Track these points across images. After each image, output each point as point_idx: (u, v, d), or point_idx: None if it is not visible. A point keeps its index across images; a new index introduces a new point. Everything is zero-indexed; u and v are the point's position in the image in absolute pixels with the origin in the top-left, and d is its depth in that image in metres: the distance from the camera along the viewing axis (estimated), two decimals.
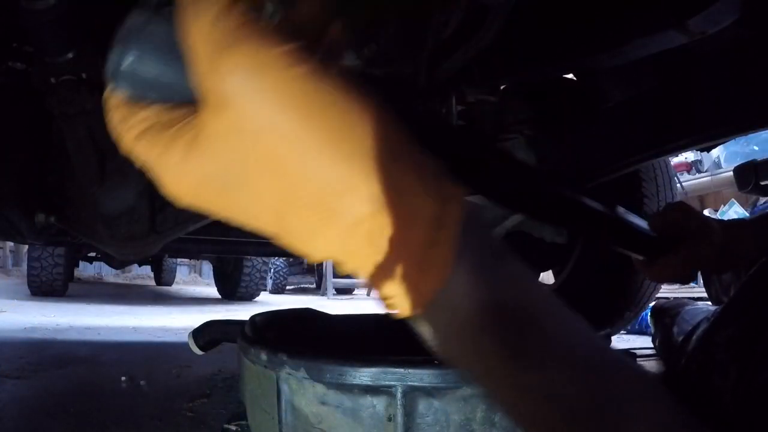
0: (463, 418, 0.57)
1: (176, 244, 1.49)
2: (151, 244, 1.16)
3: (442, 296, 0.27)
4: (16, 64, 1.11)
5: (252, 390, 0.69)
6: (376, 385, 0.56)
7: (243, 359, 0.71)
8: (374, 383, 0.56)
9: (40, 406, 1.15)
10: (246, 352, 0.68)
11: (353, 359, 0.57)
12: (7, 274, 9.17)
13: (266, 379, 0.64)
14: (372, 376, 0.56)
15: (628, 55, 1.04)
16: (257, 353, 0.64)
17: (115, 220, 1.08)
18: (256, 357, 0.64)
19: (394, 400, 0.56)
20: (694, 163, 4.39)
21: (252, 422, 0.73)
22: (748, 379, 0.86)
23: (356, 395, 0.57)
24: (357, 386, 0.57)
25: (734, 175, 1.59)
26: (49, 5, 0.77)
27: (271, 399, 0.63)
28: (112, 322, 3.01)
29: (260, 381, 0.65)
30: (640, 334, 2.74)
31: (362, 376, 0.56)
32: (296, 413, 0.61)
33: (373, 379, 0.56)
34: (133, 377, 1.42)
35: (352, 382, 0.57)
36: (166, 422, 1.04)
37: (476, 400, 0.57)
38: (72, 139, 1.00)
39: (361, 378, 0.56)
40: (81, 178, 1.05)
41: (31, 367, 1.55)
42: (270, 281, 8.02)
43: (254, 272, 5.40)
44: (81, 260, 6.18)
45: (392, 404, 0.56)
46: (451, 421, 0.57)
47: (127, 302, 4.88)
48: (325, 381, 0.58)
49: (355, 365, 0.57)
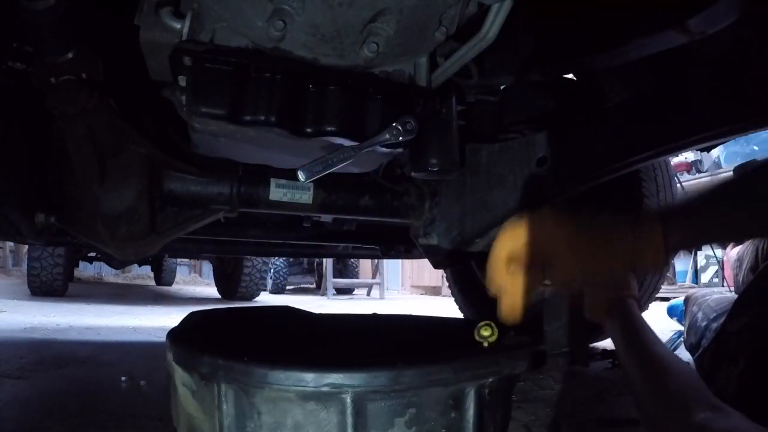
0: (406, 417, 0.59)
1: (176, 244, 1.49)
2: (151, 244, 1.16)
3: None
4: (16, 64, 1.11)
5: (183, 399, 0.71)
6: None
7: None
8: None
9: (40, 406, 1.15)
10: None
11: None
12: (7, 274, 9.17)
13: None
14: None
15: (628, 55, 1.04)
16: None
17: (115, 220, 1.08)
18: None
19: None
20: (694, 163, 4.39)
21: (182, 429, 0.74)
22: (753, 367, 0.87)
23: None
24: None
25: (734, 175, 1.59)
26: (49, 5, 0.77)
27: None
28: (112, 322, 3.01)
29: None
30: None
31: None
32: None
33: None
34: (133, 377, 1.42)
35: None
36: (166, 422, 1.04)
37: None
38: (72, 139, 1.00)
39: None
40: (81, 178, 1.05)
41: (31, 367, 1.55)
42: (270, 281, 8.02)
43: (254, 272, 5.40)
44: (81, 260, 6.19)
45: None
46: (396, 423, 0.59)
47: (127, 302, 4.88)
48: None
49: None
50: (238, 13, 0.84)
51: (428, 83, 0.96)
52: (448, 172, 1.04)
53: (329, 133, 0.90)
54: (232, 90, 0.87)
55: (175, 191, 1.17)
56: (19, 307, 3.76)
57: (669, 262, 0.64)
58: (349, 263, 8.31)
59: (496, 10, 0.83)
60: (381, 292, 7.67)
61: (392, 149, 0.97)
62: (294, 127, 0.89)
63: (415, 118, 0.92)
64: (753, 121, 0.85)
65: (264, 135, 0.91)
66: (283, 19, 0.81)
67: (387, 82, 0.94)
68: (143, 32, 0.85)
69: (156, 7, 0.84)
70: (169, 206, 1.19)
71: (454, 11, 0.86)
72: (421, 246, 1.37)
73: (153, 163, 1.11)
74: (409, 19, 0.84)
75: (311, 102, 0.90)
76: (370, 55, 0.87)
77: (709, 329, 1.18)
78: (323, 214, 1.37)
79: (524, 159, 1.17)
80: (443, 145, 1.04)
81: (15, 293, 5.07)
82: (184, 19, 0.85)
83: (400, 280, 10.17)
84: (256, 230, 1.76)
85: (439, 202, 1.34)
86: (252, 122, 0.88)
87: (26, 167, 1.12)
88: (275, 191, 1.23)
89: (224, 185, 1.20)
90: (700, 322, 1.51)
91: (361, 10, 0.81)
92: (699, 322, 1.52)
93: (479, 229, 1.27)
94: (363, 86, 0.92)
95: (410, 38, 0.89)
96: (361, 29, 0.84)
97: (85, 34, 0.92)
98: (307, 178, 0.81)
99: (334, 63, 0.90)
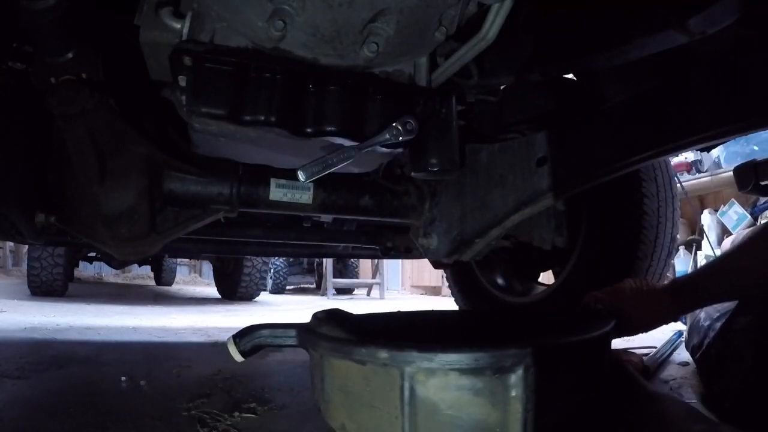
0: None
1: (176, 244, 1.49)
2: (151, 244, 1.16)
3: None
4: (16, 64, 1.11)
5: (353, 390, 0.73)
6: (500, 366, 0.67)
7: (335, 362, 0.74)
8: (498, 364, 0.66)
9: (40, 406, 1.15)
10: (350, 353, 0.72)
11: (478, 346, 0.66)
12: (7, 274, 9.17)
13: (383, 376, 0.69)
14: (495, 358, 0.66)
15: (628, 55, 1.04)
16: (372, 352, 0.69)
17: (115, 220, 1.08)
18: (371, 356, 0.69)
19: (518, 377, 0.67)
20: (694, 163, 4.39)
21: (351, 424, 0.75)
22: (759, 366, 0.87)
23: (488, 377, 0.67)
24: (489, 368, 0.66)
25: (734, 175, 1.59)
26: (49, 5, 0.77)
27: (388, 395, 0.69)
28: (112, 322, 3.01)
29: (371, 379, 0.70)
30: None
31: (489, 358, 0.66)
32: (422, 403, 0.68)
33: (496, 360, 0.66)
34: (133, 377, 1.42)
35: (482, 366, 0.66)
36: (166, 422, 1.04)
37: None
38: (72, 139, 1.00)
39: (488, 360, 0.66)
40: (81, 178, 1.05)
41: (31, 367, 1.55)
42: (270, 281, 8.02)
43: (254, 272, 5.40)
44: (81, 260, 6.18)
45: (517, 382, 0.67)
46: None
47: (127, 302, 4.88)
48: (460, 368, 0.66)
49: (486, 350, 0.66)
50: (238, 13, 0.84)
51: (428, 83, 0.96)
52: (448, 172, 1.05)
53: (329, 133, 0.90)
54: (232, 90, 0.87)
55: (175, 191, 1.17)
56: (19, 307, 3.76)
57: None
58: (349, 263, 8.31)
59: (496, 10, 0.83)
60: (381, 292, 7.67)
61: (392, 149, 0.97)
62: (294, 127, 0.89)
63: (415, 118, 0.92)
64: (753, 121, 0.85)
65: (264, 135, 0.91)
66: (283, 19, 0.81)
67: (387, 82, 0.94)
68: (143, 32, 0.85)
69: (156, 7, 0.84)
70: (169, 206, 1.19)
71: (454, 11, 0.86)
72: (421, 246, 1.37)
73: (153, 163, 1.11)
74: (409, 19, 0.84)
75: (311, 102, 0.90)
76: (370, 55, 0.87)
77: (713, 329, 1.18)
78: (323, 214, 1.37)
79: (524, 159, 1.17)
80: (443, 145, 1.04)
81: (15, 293, 5.07)
82: (184, 19, 0.85)
83: (400, 280, 10.17)
84: (256, 230, 1.76)
85: (439, 202, 1.35)
86: (252, 122, 0.88)
87: (26, 167, 1.12)
88: (275, 191, 1.23)
89: (224, 185, 1.20)
90: (703, 322, 1.51)
91: (361, 10, 0.81)
92: (702, 322, 1.52)
93: (479, 229, 1.27)
94: (363, 86, 0.92)
95: (410, 38, 0.89)
96: (361, 29, 0.84)
97: (85, 34, 0.92)
98: (307, 178, 0.81)
99: (334, 63, 0.90)
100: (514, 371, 0.67)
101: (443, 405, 0.68)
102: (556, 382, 0.72)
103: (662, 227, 1.53)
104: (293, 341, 0.88)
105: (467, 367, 0.66)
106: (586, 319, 0.95)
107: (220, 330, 2.75)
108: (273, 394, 1.28)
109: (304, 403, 1.19)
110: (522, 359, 0.67)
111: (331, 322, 0.85)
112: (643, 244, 1.50)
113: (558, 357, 0.74)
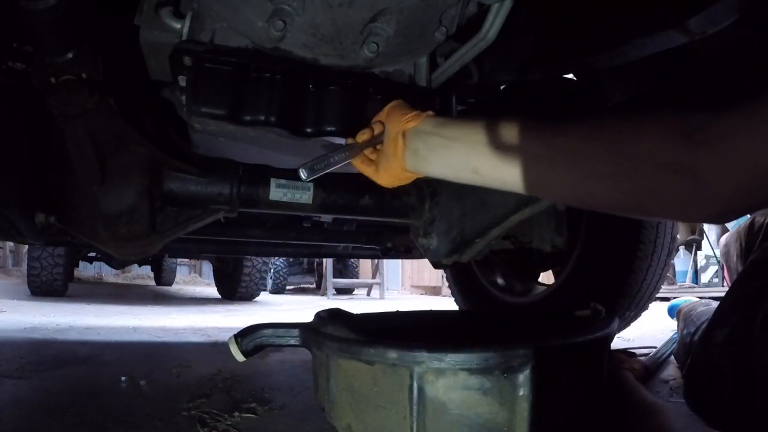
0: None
1: (176, 244, 1.49)
2: (151, 244, 1.16)
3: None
4: (16, 64, 1.11)
5: (360, 390, 0.73)
6: (509, 365, 0.67)
7: (342, 362, 0.75)
8: (507, 364, 0.67)
9: (40, 406, 1.15)
10: (358, 353, 0.72)
11: (486, 346, 0.67)
12: (7, 274, 9.18)
13: (391, 376, 0.70)
14: (505, 358, 0.67)
15: (628, 55, 1.04)
16: (381, 352, 0.69)
17: (115, 220, 1.08)
18: (380, 356, 0.70)
19: (525, 377, 0.68)
20: None
21: (358, 424, 0.75)
22: (744, 378, 0.86)
23: (496, 377, 0.68)
24: (497, 368, 0.68)
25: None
26: (49, 5, 0.77)
27: (397, 395, 0.69)
28: (112, 322, 3.01)
29: (379, 379, 0.71)
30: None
31: (498, 358, 0.67)
32: (431, 403, 0.68)
33: (505, 360, 0.67)
34: (133, 377, 1.42)
35: (491, 366, 0.67)
36: (166, 422, 1.04)
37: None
38: (72, 139, 1.00)
39: (497, 360, 0.67)
40: (81, 178, 1.05)
41: (31, 367, 1.55)
42: (270, 281, 8.03)
43: (254, 272, 5.41)
44: (81, 260, 6.19)
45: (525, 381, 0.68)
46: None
47: (127, 302, 4.88)
48: (470, 368, 0.67)
49: (495, 350, 0.67)
50: (238, 13, 0.84)
51: (428, 83, 0.96)
52: None
53: (329, 133, 0.90)
54: (232, 90, 0.87)
55: (175, 191, 1.17)
56: (19, 307, 3.76)
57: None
58: (349, 263, 8.31)
59: (496, 10, 0.83)
60: (381, 292, 7.67)
61: None
62: (294, 127, 0.90)
63: None
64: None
65: (264, 135, 0.91)
66: (283, 19, 0.81)
67: (387, 82, 0.94)
68: (143, 32, 0.85)
69: (156, 7, 0.84)
70: (169, 206, 1.19)
71: (454, 11, 0.86)
72: (421, 246, 1.37)
73: (153, 163, 1.11)
74: (409, 19, 0.84)
75: (311, 102, 0.90)
76: (370, 55, 0.87)
77: (694, 343, 1.18)
78: (323, 214, 1.37)
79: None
80: None
81: (15, 293, 5.07)
82: (184, 19, 0.85)
83: (400, 280, 10.17)
84: (256, 230, 1.76)
85: (439, 202, 1.35)
86: (252, 122, 0.88)
87: (26, 167, 1.12)
88: (275, 191, 1.23)
89: (224, 185, 1.20)
90: (685, 338, 1.52)
91: (361, 10, 0.81)
92: (685, 338, 1.52)
93: (479, 229, 1.27)
94: (363, 86, 0.92)
95: (410, 38, 0.89)
96: (361, 29, 0.84)
97: (85, 34, 0.92)
98: (309, 177, 0.81)
99: (334, 63, 0.90)
100: (522, 371, 0.68)
101: (451, 405, 0.68)
102: (562, 381, 0.73)
103: (662, 227, 1.53)
104: (296, 341, 0.88)
105: (476, 367, 0.67)
106: (586, 319, 0.95)
107: (220, 330, 2.75)
108: (273, 394, 1.28)
109: (304, 403, 1.19)
110: (530, 359, 0.67)
111: (335, 322, 0.84)
112: (643, 244, 1.50)
113: (563, 357, 0.75)
